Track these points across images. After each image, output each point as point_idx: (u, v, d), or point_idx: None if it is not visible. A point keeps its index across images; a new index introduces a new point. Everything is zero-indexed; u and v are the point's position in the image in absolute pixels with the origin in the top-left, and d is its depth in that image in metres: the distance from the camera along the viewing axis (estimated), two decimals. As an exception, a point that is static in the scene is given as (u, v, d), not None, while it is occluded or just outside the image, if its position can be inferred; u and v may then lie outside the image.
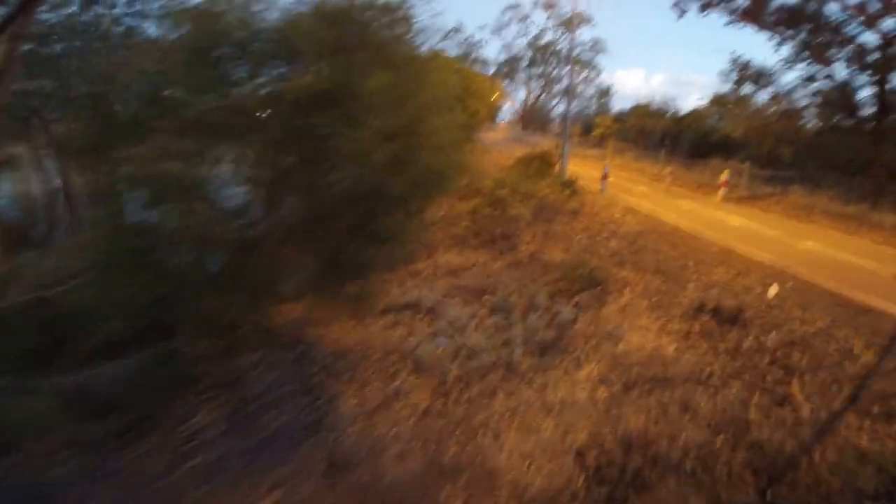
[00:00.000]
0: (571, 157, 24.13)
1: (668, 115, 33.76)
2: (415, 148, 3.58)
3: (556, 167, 17.23)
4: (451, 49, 51.68)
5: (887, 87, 17.32)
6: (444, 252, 7.55)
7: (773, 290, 7.00)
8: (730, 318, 5.94)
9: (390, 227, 4.05)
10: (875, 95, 17.67)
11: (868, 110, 18.04)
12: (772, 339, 5.57)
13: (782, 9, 18.87)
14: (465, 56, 50.59)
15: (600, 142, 33.52)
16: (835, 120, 19.32)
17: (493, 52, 63.62)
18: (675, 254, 8.84)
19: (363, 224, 3.85)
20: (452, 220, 9.48)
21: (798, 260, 9.05)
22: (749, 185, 17.33)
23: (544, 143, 32.09)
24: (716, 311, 5.99)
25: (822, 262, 9.16)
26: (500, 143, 39.17)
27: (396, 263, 5.55)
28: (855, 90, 18.30)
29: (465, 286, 6.12)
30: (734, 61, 21.02)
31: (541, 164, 19.59)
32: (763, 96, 21.31)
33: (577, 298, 5.77)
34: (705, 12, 20.57)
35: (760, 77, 20.78)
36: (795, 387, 4.65)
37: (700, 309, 6.15)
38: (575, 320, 5.33)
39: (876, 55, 17.22)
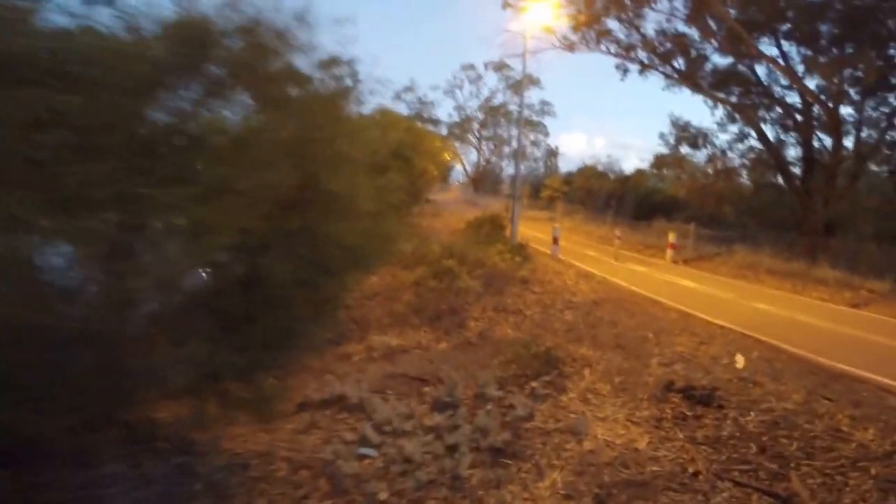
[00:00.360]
0: (521, 219, 24.14)
1: (612, 176, 35.07)
2: (320, 216, 2.78)
3: (508, 230, 16.92)
4: (403, 107, 53.10)
5: (811, 146, 18.40)
6: (381, 331, 6.64)
7: (740, 361, 6.46)
8: (702, 398, 5.26)
9: (303, 307, 3.19)
10: (802, 156, 18.72)
11: (797, 169, 19.05)
12: (752, 421, 4.90)
13: (715, 71, 20.16)
14: (416, 115, 52.00)
15: (549, 203, 34.16)
16: (767, 179, 20.25)
17: (445, 112, 65.44)
18: (633, 323, 8.28)
19: (266, 300, 2.97)
20: (394, 292, 8.64)
21: (757, 323, 8.69)
22: (695, 246, 17.53)
23: (495, 204, 32.44)
24: (686, 391, 5.31)
25: (780, 324, 8.85)
26: (451, 204, 39.47)
27: (317, 346, 4.55)
28: (782, 150, 19.41)
29: (402, 374, 5.21)
30: (674, 122, 22.07)
31: (492, 228, 19.32)
32: (701, 156, 22.38)
33: (533, 384, 4.96)
34: (644, 74, 21.79)
35: (698, 138, 21.83)
36: (796, 482, 3.92)
37: (668, 388, 5.45)
38: (531, 415, 4.49)
39: (799, 117, 18.39)
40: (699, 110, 62.30)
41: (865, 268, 14.33)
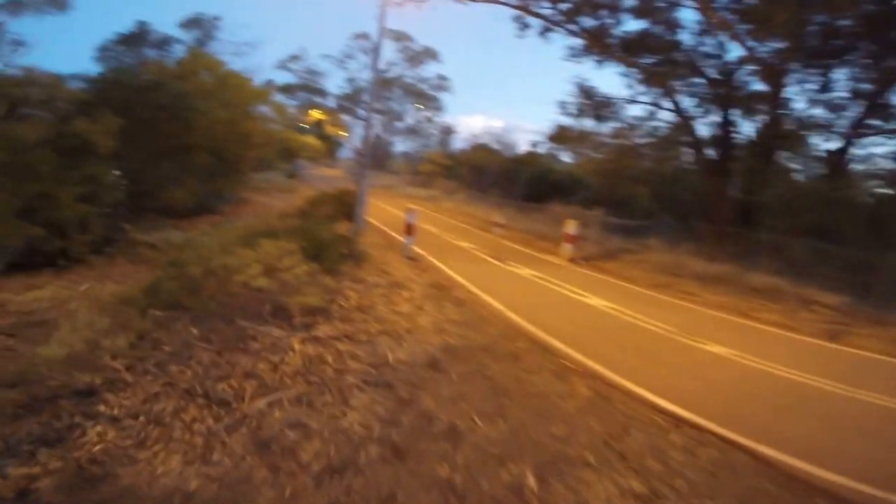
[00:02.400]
0: (396, 197, 19.05)
1: (505, 154, 31.05)
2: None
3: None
4: (289, 77, 45.21)
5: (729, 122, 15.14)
6: None
7: None
8: None
9: None
10: (719, 132, 15.42)
11: (710, 148, 15.78)
12: None
13: (628, 35, 16.25)
14: (302, 85, 44.48)
15: (428, 180, 29.41)
16: (679, 157, 16.90)
17: (336, 84, 58.27)
18: (497, 433, 3.51)
19: None
20: None
21: (722, 394, 4.41)
22: (600, 238, 13.49)
23: (378, 181, 27.04)
24: None
25: (757, 391, 4.65)
26: (327, 181, 33.50)
27: None
28: (694, 125, 16.02)
29: None
30: (579, 87, 17.96)
31: (336, 207, 14.00)
32: (606, 130, 18.63)
33: None
34: (546, 35, 17.41)
35: (604, 107, 17.96)
36: None
37: None
38: None
39: (720, 89, 14.97)
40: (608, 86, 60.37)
41: (799, 270, 11.17)
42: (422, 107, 43.77)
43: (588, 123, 18.60)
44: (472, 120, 72.67)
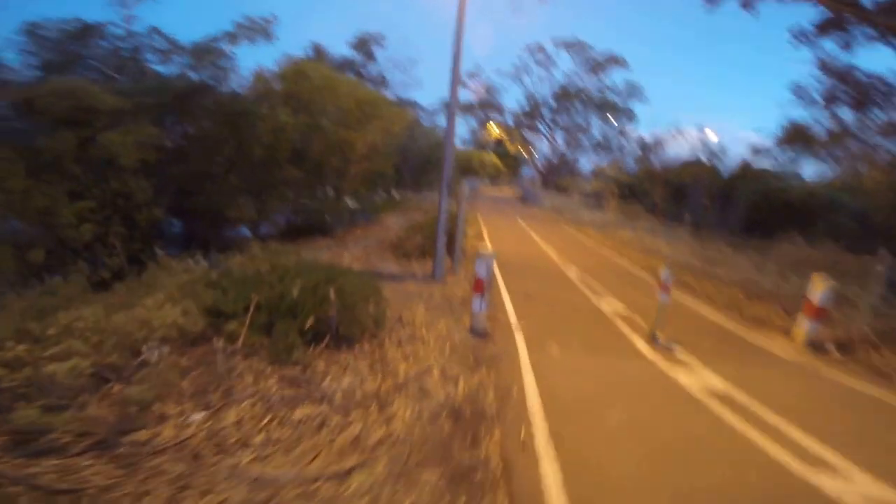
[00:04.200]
0: (557, 224, 15.32)
1: (718, 170, 23.91)
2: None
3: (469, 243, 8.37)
4: (466, 94, 44.86)
5: None
6: None
7: None
8: None
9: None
10: None
11: None
12: None
13: None
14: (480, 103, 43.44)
15: (598, 199, 24.03)
16: None
17: (514, 99, 56.59)
18: None
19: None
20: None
21: None
22: (875, 308, 7.31)
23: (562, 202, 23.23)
24: None
25: None
26: (496, 200, 31.03)
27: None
28: None
29: None
30: (823, 65, 11.61)
31: (428, 237, 10.72)
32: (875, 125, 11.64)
33: None
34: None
35: (873, 92, 11.20)
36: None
37: None
38: None
39: None
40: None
41: None
42: (611, 119, 38.26)
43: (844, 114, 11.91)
44: (673, 131, 62.50)
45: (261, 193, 10.43)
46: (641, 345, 5.82)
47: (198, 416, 3.31)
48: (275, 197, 10.84)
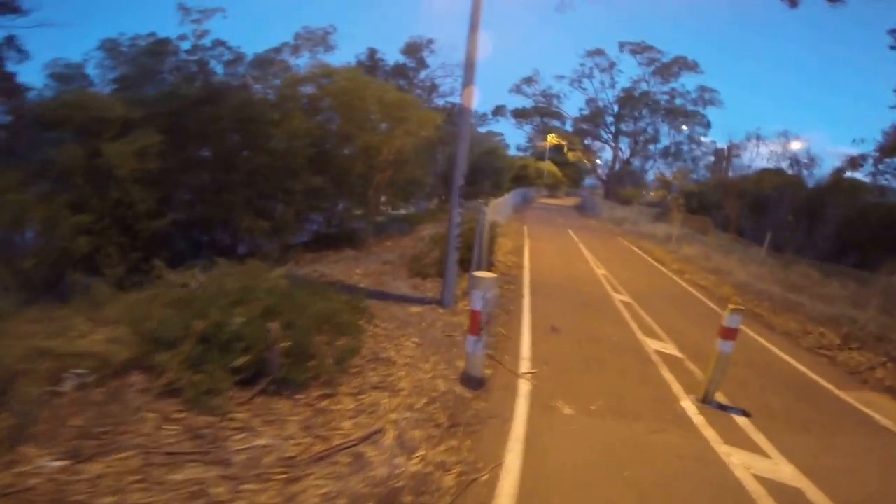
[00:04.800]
0: (613, 238, 13.97)
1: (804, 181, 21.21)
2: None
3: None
4: (524, 101, 43.52)
5: None
6: None
7: None
8: None
9: None
10: None
11: None
12: None
13: None
14: (537, 109, 41.91)
15: (662, 211, 21.80)
16: None
17: (575, 106, 54.35)
18: None
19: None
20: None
21: None
22: None
23: (622, 213, 21.57)
24: None
25: None
26: (548, 210, 29.64)
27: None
28: None
29: None
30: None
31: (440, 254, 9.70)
32: None
33: None
34: None
35: None
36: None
37: None
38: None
39: None
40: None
41: None
42: (682, 125, 35.54)
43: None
44: (753, 139, 57.78)
45: (280, 202, 9.81)
46: (690, 407, 4.40)
47: (53, 465, 2.67)
48: (294, 206, 10.19)
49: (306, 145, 9.47)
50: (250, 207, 9.19)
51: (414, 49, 27.43)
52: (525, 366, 4.98)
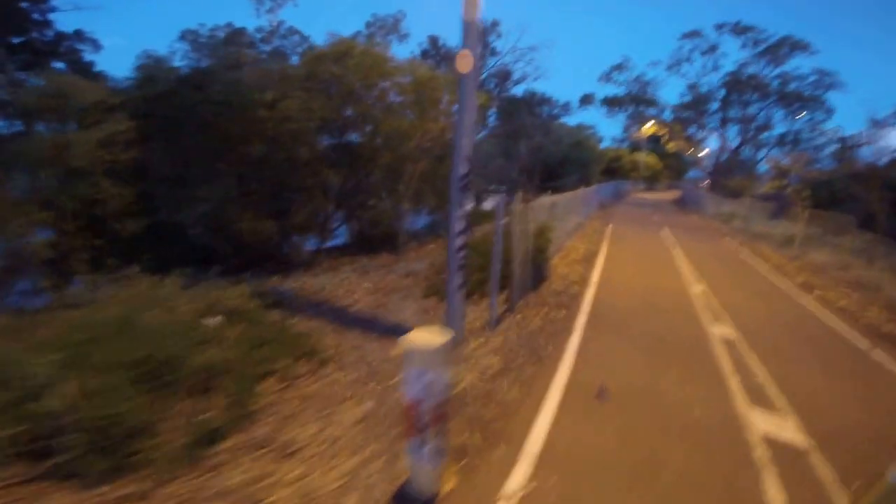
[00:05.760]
0: (720, 238, 11.82)
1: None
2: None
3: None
4: (614, 90, 39.94)
5: None
6: None
7: None
8: None
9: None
10: None
11: None
12: None
13: None
14: (630, 97, 38.10)
15: (780, 205, 17.76)
16: None
17: (675, 93, 49.45)
18: None
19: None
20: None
21: None
22: None
23: (730, 208, 18.47)
24: None
25: None
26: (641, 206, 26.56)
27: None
28: None
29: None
30: None
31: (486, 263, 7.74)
32: None
33: None
34: None
35: None
36: None
37: None
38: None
39: None
40: None
41: None
42: (805, 111, 30.33)
43: None
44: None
45: (291, 200, 8.48)
46: None
47: None
48: (313, 204, 8.82)
49: (311, 131, 8.06)
50: (250, 205, 7.95)
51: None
52: (522, 473, 2.98)
